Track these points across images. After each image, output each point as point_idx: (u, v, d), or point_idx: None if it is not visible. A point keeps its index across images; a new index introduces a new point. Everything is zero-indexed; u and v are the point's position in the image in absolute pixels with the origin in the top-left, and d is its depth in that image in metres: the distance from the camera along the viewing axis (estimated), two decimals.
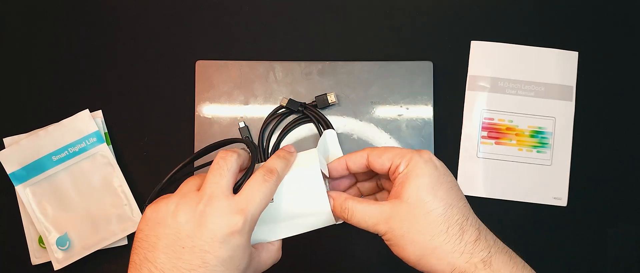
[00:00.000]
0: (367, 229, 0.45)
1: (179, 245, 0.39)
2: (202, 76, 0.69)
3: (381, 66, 0.69)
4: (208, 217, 0.40)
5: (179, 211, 0.40)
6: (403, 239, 0.43)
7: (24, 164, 0.67)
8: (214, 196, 0.40)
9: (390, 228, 0.43)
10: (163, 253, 0.39)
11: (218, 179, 0.41)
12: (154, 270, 0.38)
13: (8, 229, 0.69)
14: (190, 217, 0.40)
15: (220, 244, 0.39)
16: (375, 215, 0.44)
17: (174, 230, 0.39)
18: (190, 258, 0.39)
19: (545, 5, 0.72)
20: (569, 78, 0.71)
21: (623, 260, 0.69)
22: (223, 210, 0.40)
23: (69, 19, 0.72)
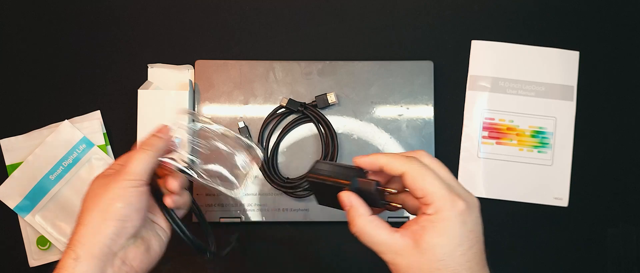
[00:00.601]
0: (373, 249, 0.45)
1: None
2: (202, 76, 0.69)
3: (381, 65, 0.69)
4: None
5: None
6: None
7: (25, 194, 0.67)
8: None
9: (395, 263, 0.43)
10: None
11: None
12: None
13: (5, 231, 0.68)
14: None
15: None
16: (386, 245, 0.44)
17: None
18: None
19: (546, 5, 0.72)
20: (570, 78, 0.71)
21: (624, 260, 0.69)
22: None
23: (68, 19, 0.72)
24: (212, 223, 0.68)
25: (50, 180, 0.67)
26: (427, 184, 0.43)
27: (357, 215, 0.45)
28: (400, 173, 0.44)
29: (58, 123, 0.69)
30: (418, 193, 0.43)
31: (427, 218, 0.42)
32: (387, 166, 0.45)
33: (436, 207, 0.42)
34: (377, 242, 0.44)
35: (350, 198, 0.46)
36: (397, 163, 0.45)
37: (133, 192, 0.48)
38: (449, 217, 0.42)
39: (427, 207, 0.43)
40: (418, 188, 0.43)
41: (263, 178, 0.68)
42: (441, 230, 0.42)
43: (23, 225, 0.68)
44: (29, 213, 0.67)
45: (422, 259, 0.42)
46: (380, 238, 0.44)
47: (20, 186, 0.67)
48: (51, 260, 0.68)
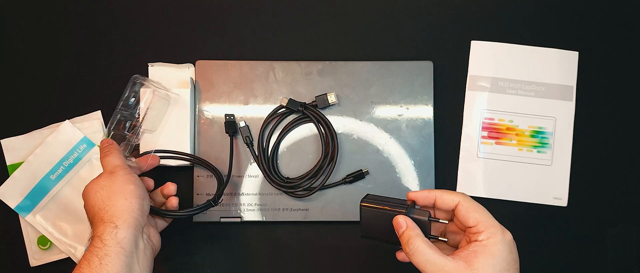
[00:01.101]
0: (422, 270, 0.49)
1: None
2: (202, 76, 0.69)
3: (381, 65, 0.69)
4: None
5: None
6: None
7: (26, 193, 0.67)
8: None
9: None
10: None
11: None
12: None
13: (6, 231, 0.68)
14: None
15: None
16: (438, 265, 0.48)
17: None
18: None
19: (545, 5, 0.72)
20: (569, 78, 0.71)
21: (623, 260, 0.69)
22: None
23: (69, 19, 0.72)
24: (213, 223, 0.68)
25: (51, 179, 0.67)
26: (480, 214, 0.50)
27: (414, 235, 0.50)
28: (454, 204, 0.51)
29: (59, 123, 0.69)
30: (471, 221, 0.50)
31: (480, 244, 0.48)
32: (441, 199, 0.52)
33: (489, 234, 0.49)
34: (431, 261, 0.48)
35: (407, 220, 0.51)
36: (451, 195, 0.52)
37: (133, 176, 0.57)
38: (501, 243, 0.48)
39: (478, 235, 0.49)
40: (472, 217, 0.50)
41: (263, 178, 0.68)
42: (494, 253, 0.48)
43: (24, 224, 0.68)
44: (30, 213, 0.67)
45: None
46: (434, 258, 0.48)
47: (21, 186, 0.67)
48: (52, 259, 0.68)
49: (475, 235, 0.49)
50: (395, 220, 0.51)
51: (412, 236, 0.50)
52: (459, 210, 0.51)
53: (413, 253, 0.49)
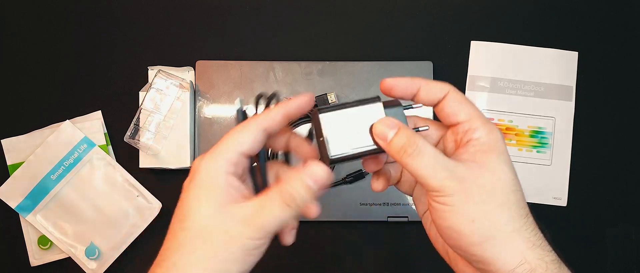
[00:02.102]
0: (427, 180, 0.37)
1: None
2: (202, 76, 0.69)
3: (381, 66, 0.69)
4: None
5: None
6: (471, 209, 0.36)
7: (26, 193, 0.67)
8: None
9: (461, 189, 0.36)
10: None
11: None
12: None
13: (7, 230, 0.69)
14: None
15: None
16: (448, 167, 0.37)
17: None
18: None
19: (545, 6, 0.72)
20: (568, 78, 0.71)
21: (623, 260, 0.69)
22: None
23: (69, 19, 0.72)
24: None
25: (52, 179, 0.67)
26: (471, 107, 0.39)
27: (412, 135, 0.37)
28: (443, 94, 0.40)
29: (59, 123, 0.69)
30: (462, 115, 0.39)
31: (480, 143, 0.38)
32: (427, 88, 0.40)
33: (486, 130, 0.38)
34: (438, 166, 0.37)
35: (393, 120, 0.39)
36: (439, 84, 0.40)
37: (256, 256, 0.38)
38: (501, 141, 0.39)
39: (472, 131, 0.39)
40: (463, 110, 0.39)
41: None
42: (502, 151, 0.38)
43: (24, 224, 0.68)
44: (30, 213, 0.67)
45: (496, 183, 0.37)
46: (442, 162, 0.37)
47: (21, 186, 0.67)
48: (52, 259, 0.68)
49: (467, 132, 0.39)
50: (381, 123, 0.39)
51: (411, 137, 0.37)
52: (448, 102, 0.40)
53: (414, 162, 0.37)
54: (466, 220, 0.36)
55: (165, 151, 0.67)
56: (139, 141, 0.66)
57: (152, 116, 0.67)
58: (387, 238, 0.69)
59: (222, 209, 0.36)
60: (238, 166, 0.38)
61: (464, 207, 0.36)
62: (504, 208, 0.37)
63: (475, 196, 0.36)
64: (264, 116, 0.39)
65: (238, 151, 0.38)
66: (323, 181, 0.37)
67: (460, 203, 0.36)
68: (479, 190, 0.37)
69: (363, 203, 0.68)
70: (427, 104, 0.41)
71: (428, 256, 0.69)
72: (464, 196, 0.36)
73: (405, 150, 0.37)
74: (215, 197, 0.37)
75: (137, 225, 0.68)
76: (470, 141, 0.39)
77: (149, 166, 0.67)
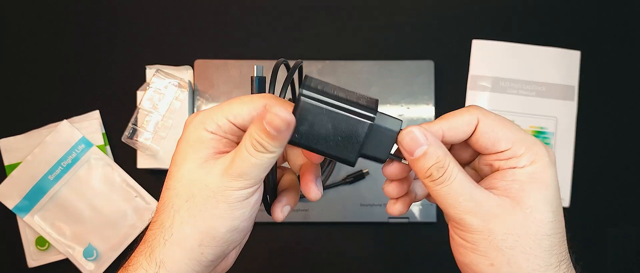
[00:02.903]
0: (447, 209, 0.33)
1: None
2: (201, 76, 0.69)
3: (382, 65, 0.69)
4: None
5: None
6: (492, 254, 0.33)
7: (24, 194, 0.67)
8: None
9: (485, 228, 0.33)
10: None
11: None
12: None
13: (4, 231, 0.68)
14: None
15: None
16: (475, 197, 0.33)
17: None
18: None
19: (547, 4, 0.72)
20: (571, 78, 0.70)
21: (624, 260, 0.69)
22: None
23: (67, 19, 0.71)
24: None
25: (49, 180, 0.67)
26: (512, 131, 0.34)
27: (446, 156, 0.33)
28: (472, 127, 0.35)
29: (57, 122, 0.69)
30: (502, 144, 0.34)
31: (522, 172, 0.33)
32: (451, 127, 0.35)
33: (532, 157, 0.34)
34: (466, 194, 0.33)
35: (425, 132, 0.33)
36: (464, 115, 0.34)
37: (244, 209, 0.35)
38: (549, 168, 0.34)
39: (516, 160, 0.34)
40: (502, 137, 0.34)
41: None
42: (545, 182, 0.33)
43: (22, 225, 0.68)
44: (28, 214, 0.67)
45: (529, 225, 0.33)
46: (471, 191, 0.33)
47: (19, 186, 0.67)
48: (50, 260, 0.67)
49: (508, 160, 0.34)
50: (411, 133, 0.33)
51: (442, 158, 0.33)
52: (481, 134, 0.34)
53: (439, 185, 0.33)
54: (484, 263, 0.33)
55: (163, 151, 0.67)
56: (137, 141, 0.66)
57: (151, 116, 0.66)
58: (388, 239, 0.69)
59: (203, 163, 0.34)
60: (228, 133, 0.35)
61: (484, 249, 0.33)
62: (530, 256, 0.33)
63: (499, 240, 0.33)
64: (273, 101, 0.36)
65: (230, 119, 0.35)
66: (278, 125, 0.31)
67: (481, 243, 0.33)
68: (506, 233, 0.33)
69: (363, 204, 0.68)
70: (457, 142, 0.36)
71: (429, 257, 0.69)
72: (486, 236, 0.33)
73: (431, 173, 0.33)
74: (198, 152, 0.35)
75: (135, 226, 0.67)
76: (510, 170, 0.34)
77: (147, 167, 0.67)
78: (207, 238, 0.34)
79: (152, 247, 0.35)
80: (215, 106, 0.36)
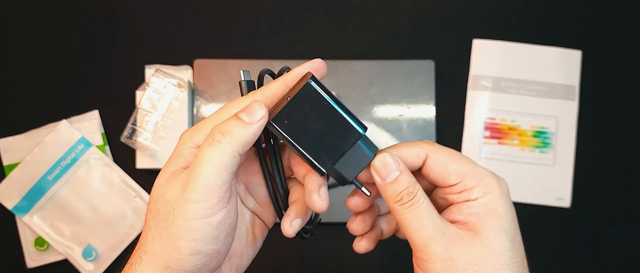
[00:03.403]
0: (412, 234, 0.34)
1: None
2: (201, 76, 0.69)
3: (382, 65, 0.69)
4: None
5: None
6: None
7: (23, 194, 0.66)
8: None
9: (446, 257, 0.33)
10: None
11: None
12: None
13: (3, 232, 0.68)
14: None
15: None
16: (442, 228, 0.34)
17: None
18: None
19: (548, 4, 0.71)
20: (572, 78, 0.70)
21: (625, 261, 0.69)
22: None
23: (67, 19, 0.71)
24: None
25: (49, 180, 0.67)
26: (462, 164, 0.35)
27: (415, 183, 0.34)
28: (421, 160, 0.35)
29: (56, 122, 0.68)
30: (452, 178, 0.35)
31: (476, 204, 0.34)
32: (403, 159, 0.35)
33: (483, 189, 0.34)
34: (426, 224, 0.33)
35: (394, 158, 0.34)
36: (413, 148, 0.35)
37: (204, 229, 0.32)
38: (500, 199, 0.35)
39: (467, 192, 0.35)
40: (451, 172, 0.35)
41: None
42: (499, 214, 0.34)
43: (21, 225, 0.67)
44: (27, 214, 0.67)
45: (486, 256, 0.33)
46: (435, 219, 0.34)
47: (18, 186, 0.67)
48: (49, 261, 0.67)
49: (460, 194, 0.35)
50: (383, 158, 0.34)
51: (412, 184, 0.34)
52: (431, 166, 0.35)
53: (407, 210, 0.34)
54: None
55: (163, 151, 0.67)
56: (136, 141, 0.66)
57: (150, 116, 0.66)
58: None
59: (169, 177, 0.33)
60: None
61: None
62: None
63: (460, 270, 0.33)
64: (260, 92, 0.35)
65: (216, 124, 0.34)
66: (254, 110, 0.31)
67: (442, 271, 0.33)
68: (467, 263, 0.33)
69: None
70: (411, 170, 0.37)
71: None
72: (448, 266, 0.33)
73: (402, 197, 0.34)
74: (170, 166, 0.33)
75: (134, 226, 0.67)
76: (465, 203, 0.35)
77: (146, 167, 0.67)
78: (172, 260, 0.32)
79: (131, 262, 0.34)
80: (207, 118, 0.35)
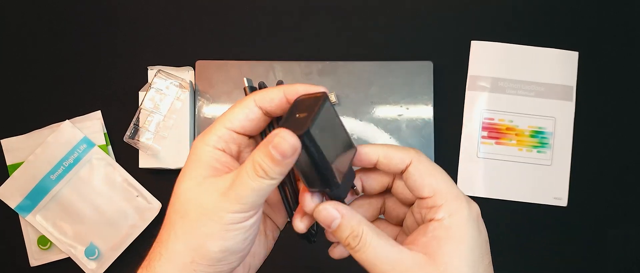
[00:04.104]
0: (370, 271, 0.35)
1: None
2: (202, 76, 0.69)
3: (381, 65, 0.69)
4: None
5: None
6: None
7: (26, 193, 0.67)
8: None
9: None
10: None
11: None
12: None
13: (6, 231, 0.69)
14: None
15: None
16: (394, 261, 0.34)
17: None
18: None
19: (545, 5, 0.72)
20: (569, 78, 0.71)
21: (623, 260, 0.69)
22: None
23: (69, 19, 0.72)
24: None
25: (51, 179, 0.67)
26: (438, 180, 0.35)
27: (359, 224, 0.35)
28: (405, 165, 0.36)
29: (59, 123, 0.69)
30: (425, 190, 0.35)
31: (440, 225, 0.34)
32: (388, 157, 0.36)
33: (450, 210, 0.35)
34: (381, 256, 0.34)
35: (338, 205, 0.36)
36: (402, 152, 0.36)
37: (237, 230, 0.34)
38: (468, 222, 0.34)
39: (434, 210, 0.35)
40: (426, 184, 0.35)
41: None
42: (461, 237, 0.34)
43: (24, 224, 0.68)
44: (30, 213, 0.67)
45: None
46: (387, 252, 0.34)
47: (21, 186, 0.67)
48: (52, 259, 0.68)
49: (430, 210, 0.35)
50: (324, 208, 0.35)
51: (355, 229, 0.35)
52: (410, 173, 0.36)
53: (357, 254, 0.35)
54: None
55: (165, 151, 0.67)
56: (139, 141, 0.66)
57: (152, 116, 0.67)
58: None
59: (200, 183, 0.35)
60: (229, 142, 0.36)
61: None
62: None
63: None
64: (260, 93, 0.36)
65: (228, 127, 0.36)
66: (285, 150, 0.31)
67: None
68: None
69: None
70: (389, 173, 0.38)
71: None
72: None
73: (349, 242, 0.35)
74: (196, 171, 0.35)
75: (136, 225, 0.68)
76: (431, 222, 0.35)
77: (148, 167, 0.67)
78: (198, 256, 0.34)
79: (150, 259, 0.35)
80: (215, 121, 0.37)
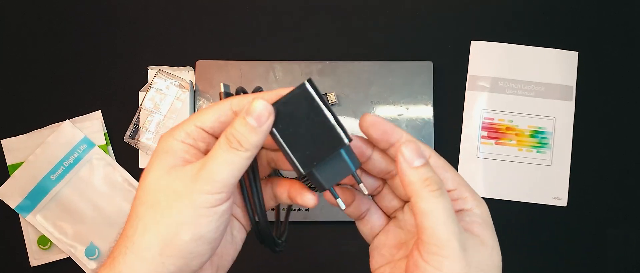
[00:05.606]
0: (436, 227, 0.33)
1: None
2: (202, 76, 0.69)
3: (381, 66, 0.69)
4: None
5: None
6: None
7: (26, 193, 0.67)
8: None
9: (462, 257, 0.33)
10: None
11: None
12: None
13: (6, 231, 0.69)
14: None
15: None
16: (459, 226, 0.34)
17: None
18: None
19: (545, 6, 0.72)
20: (569, 78, 0.71)
21: (623, 261, 0.69)
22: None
23: (69, 19, 0.72)
24: None
25: (51, 179, 0.67)
26: (457, 175, 0.36)
27: (435, 178, 0.34)
28: (425, 158, 0.35)
29: (59, 123, 0.69)
30: (449, 183, 0.36)
31: (474, 214, 0.36)
32: (385, 135, 0.36)
33: (476, 202, 0.36)
34: (453, 222, 0.33)
35: (425, 148, 0.36)
36: (421, 145, 0.36)
37: (210, 216, 0.34)
38: (490, 216, 0.36)
39: (461, 202, 0.36)
40: (449, 177, 0.36)
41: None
42: (493, 228, 0.36)
43: (24, 224, 0.68)
44: (30, 213, 0.67)
45: (490, 260, 0.35)
46: (456, 219, 0.34)
47: (21, 186, 0.67)
48: (52, 259, 0.68)
49: (457, 202, 0.36)
50: (413, 145, 0.34)
51: (438, 176, 0.34)
52: (432, 166, 0.36)
53: (433, 200, 0.33)
54: None
55: None
56: (139, 141, 0.66)
57: (152, 116, 0.67)
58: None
59: (170, 171, 0.34)
60: (198, 140, 0.36)
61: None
62: None
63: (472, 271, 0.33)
64: (237, 98, 0.37)
65: (198, 125, 0.35)
66: (260, 113, 0.32)
67: (452, 272, 0.32)
68: (477, 267, 0.33)
69: None
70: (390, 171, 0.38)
71: None
72: (463, 265, 0.33)
73: (429, 184, 0.33)
74: (165, 161, 0.35)
75: None
76: (464, 211, 0.36)
77: None
78: (169, 246, 0.33)
79: (114, 256, 0.34)
80: (186, 118, 0.37)
